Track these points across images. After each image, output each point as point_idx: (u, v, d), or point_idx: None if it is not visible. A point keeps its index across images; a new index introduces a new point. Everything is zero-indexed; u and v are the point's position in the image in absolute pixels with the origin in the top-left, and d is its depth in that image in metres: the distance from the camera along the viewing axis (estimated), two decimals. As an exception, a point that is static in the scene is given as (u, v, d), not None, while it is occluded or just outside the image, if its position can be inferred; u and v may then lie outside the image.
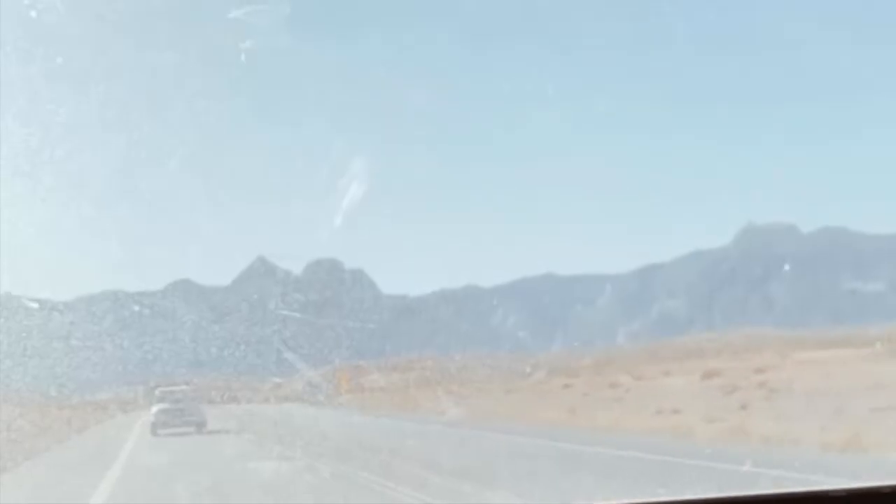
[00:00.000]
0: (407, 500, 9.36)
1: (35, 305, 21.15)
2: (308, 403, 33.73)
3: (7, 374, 19.81)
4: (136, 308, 28.64)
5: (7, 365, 19.61)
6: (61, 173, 21.19)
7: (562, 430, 18.08)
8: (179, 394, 22.29)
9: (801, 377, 21.32)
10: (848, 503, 3.26)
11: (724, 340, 31.03)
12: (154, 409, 22.03)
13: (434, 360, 24.83)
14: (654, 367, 28.02)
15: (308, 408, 31.23)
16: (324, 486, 12.20)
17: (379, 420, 20.60)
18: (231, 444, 16.95)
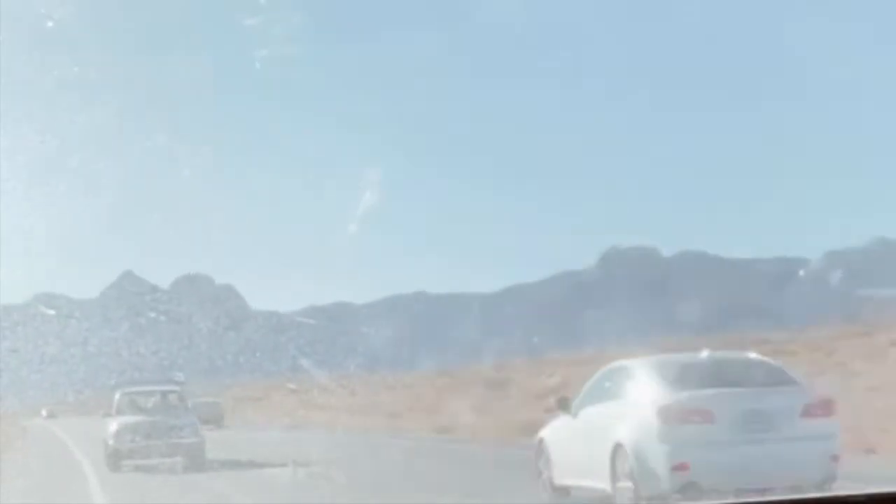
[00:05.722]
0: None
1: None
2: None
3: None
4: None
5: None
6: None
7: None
8: (160, 398, 13.04)
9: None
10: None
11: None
12: (114, 425, 12.06)
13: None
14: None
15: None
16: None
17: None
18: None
